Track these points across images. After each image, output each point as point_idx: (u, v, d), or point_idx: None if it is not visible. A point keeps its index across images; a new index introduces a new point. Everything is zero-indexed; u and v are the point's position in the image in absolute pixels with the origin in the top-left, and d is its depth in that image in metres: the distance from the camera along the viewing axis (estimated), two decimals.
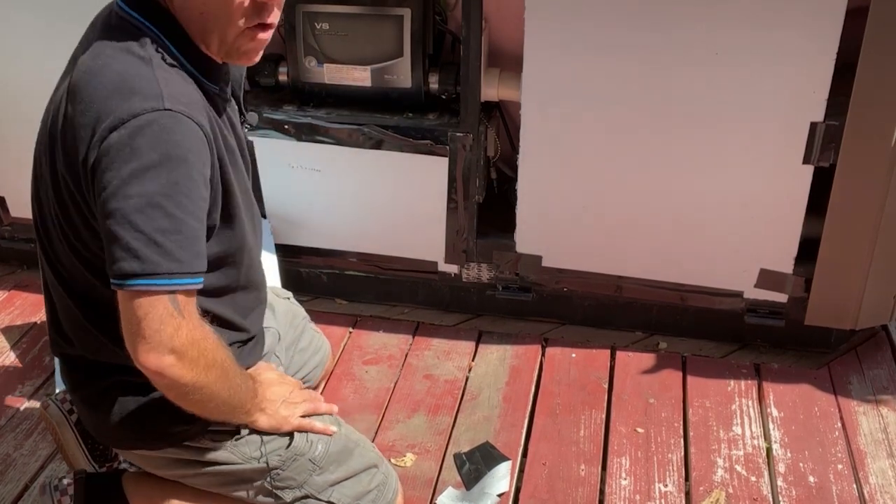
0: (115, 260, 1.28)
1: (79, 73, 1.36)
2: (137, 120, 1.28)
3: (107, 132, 1.29)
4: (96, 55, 1.36)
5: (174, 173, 1.29)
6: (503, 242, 2.47)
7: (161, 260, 1.28)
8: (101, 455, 1.85)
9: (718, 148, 2.19)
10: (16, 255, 2.88)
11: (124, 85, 1.31)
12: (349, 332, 2.55)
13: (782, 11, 2.00)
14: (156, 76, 1.32)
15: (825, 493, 1.99)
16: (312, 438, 1.64)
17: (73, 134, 1.34)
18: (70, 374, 1.59)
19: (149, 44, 1.36)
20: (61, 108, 1.38)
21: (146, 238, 1.27)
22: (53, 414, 1.81)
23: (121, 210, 1.27)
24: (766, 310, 2.40)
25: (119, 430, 1.55)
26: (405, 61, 2.31)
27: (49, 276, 1.53)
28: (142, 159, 1.27)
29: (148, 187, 1.27)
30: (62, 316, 1.54)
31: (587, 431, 2.18)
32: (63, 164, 1.37)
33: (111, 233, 1.28)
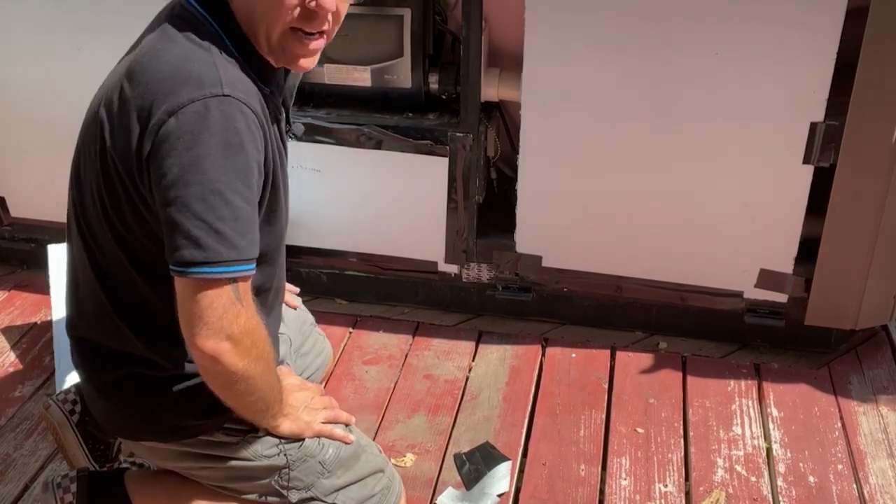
0: (176, 248, 1.29)
1: (139, 56, 1.37)
2: (196, 105, 1.29)
3: (165, 116, 1.29)
4: (157, 40, 1.38)
5: (232, 160, 1.30)
6: (503, 242, 2.47)
7: (222, 248, 1.30)
8: (101, 455, 1.85)
9: (718, 148, 2.19)
10: (16, 255, 2.88)
11: (184, 69, 1.32)
12: (349, 333, 2.55)
13: (782, 11, 2.00)
14: (215, 63, 1.34)
15: (825, 493, 1.99)
16: (324, 441, 1.64)
17: (128, 114, 1.34)
18: (84, 359, 1.57)
19: (208, 36, 1.38)
20: (118, 90, 1.38)
21: (207, 226, 1.28)
22: (55, 414, 1.81)
23: (181, 198, 1.28)
24: (766, 310, 2.40)
25: (131, 420, 1.54)
26: (405, 61, 2.31)
27: (81, 259, 1.51)
28: (201, 146, 1.28)
29: (209, 174, 1.28)
30: (86, 300, 1.53)
31: (587, 431, 2.18)
32: (115, 144, 1.36)
33: (172, 220, 1.29)
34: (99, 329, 1.53)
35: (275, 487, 1.63)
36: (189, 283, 1.31)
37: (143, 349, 1.48)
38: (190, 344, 1.35)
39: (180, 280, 1.32)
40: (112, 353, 1.52)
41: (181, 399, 1.51)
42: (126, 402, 1.53)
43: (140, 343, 1.48)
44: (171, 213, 1.29)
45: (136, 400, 1.53)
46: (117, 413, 1.55)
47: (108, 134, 1.37)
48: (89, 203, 1.46)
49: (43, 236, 2.75)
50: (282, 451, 1.59)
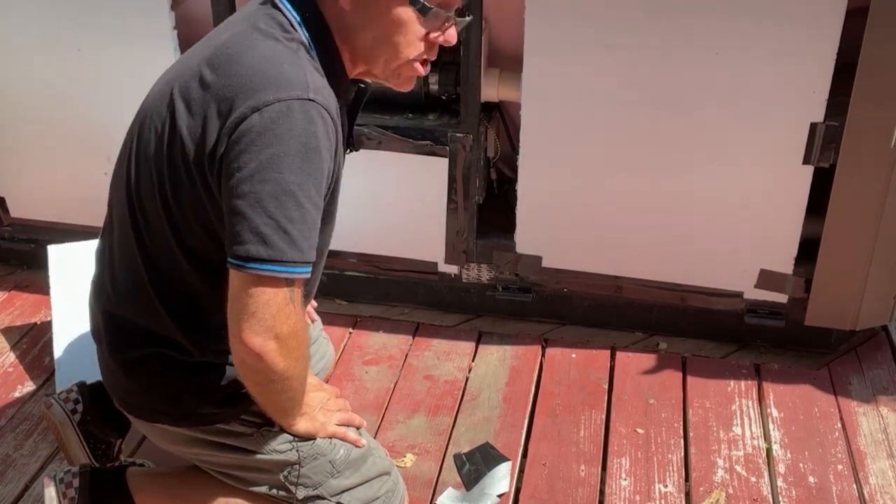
0: (241, 241, 1.31)
1: (224, 46, 1.39)
2: (281, 105, 1.31)
3: (249, 111, 1.31)
4: (246, 35, 1.39)
5: (309, 164, 1.32)
6: (503, 243, 2.47)
7: (287, 248, 1.32)
8: (102, 454, 1.85)
9: (718, 148, 2.19)
10: (16, 255, 2.88)
11: (273, 69, 1.34)
12: (349, 333, 2.55)
13: (782, 11, 2.00)
14: (303, 67, 1.37)
15: (825, 493, 1.99)
16: (336, 442, 1.65)
17: (207, 102, 1.35)
18: (110, 333, 1.57)
19: (297, 41, 1.40)
20: (196, 76, 1.39)
21: (276, 225, 1.30)
22: (56, 413, 1.81)
23: (255, 193, 1.30)
24: (766, 310, 2.40)
25: (152, 400, 1.54)
26: None
27: (126, 235, 1.50)
28: (282, 146, 1.30)
29: (285, 175, 1.30)
30: (124, 275, 1.52)
31: (587, 432, 2.18)
32: (189, 129, 1.37)
33: (241, 213, 1.30)
34: (133, 306, 1.52)
35: (283, 482, 1.63)
36: (248, 278, 1.32)
37: (176, 332, 1.49)
38: (235, 337, 1.35)
39: (239, 273, 1.33)
40: (141, 331, 1.52)
41: (204, 386, 1.52)
42: (149, 381, 1.52)
43: (173, 325, 1.49)
44: (240, 207, 1.31)
45: (159, 381, 1.52)
46: (138, 392, 1.54)
47: (183, 118, 1.38)
48: (146, 183, 1.46)
49: (43, 236, 2.75)
50: (294, 448, 1.60)
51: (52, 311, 2.40)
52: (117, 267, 1.55)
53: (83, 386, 1.89)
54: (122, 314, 1.54)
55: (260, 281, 1.32)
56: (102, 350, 1.61)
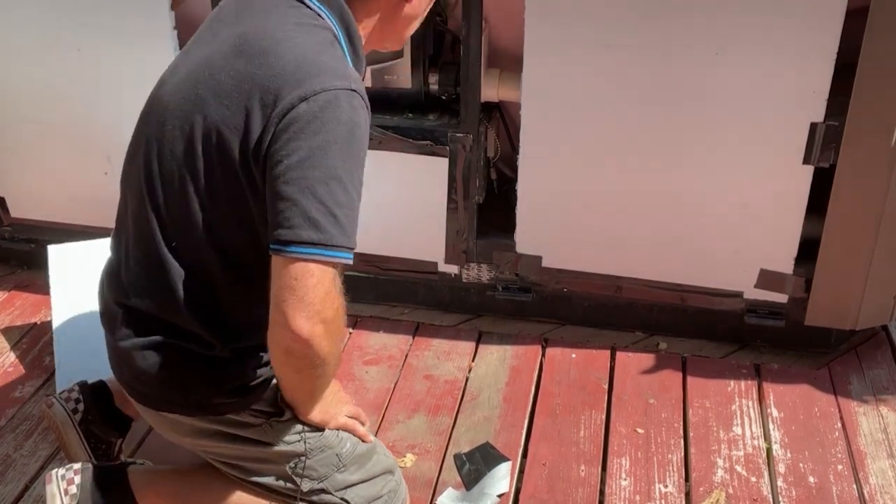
0: (290, 225, 1.32)
1: (258, 38, 1.39)
2: (328, 94, 1.34)
3: (297, 101, 1.33)
4: (279, 26, 1.40)
5: (354, 150, 1.36)
6: (503, 242, 2.47)
7: (336, 233, 1.34)
8: (103, 454, 1.85)
9: (718, 148, 2.19)
10: (16, 255, 2.88)
11: (316, 60, 1.36)
12: (349, 333, 2.55)
13: (782, 11, 2.00)
14: (339, 56, 1.41)
15: (825, 493, 1.99)
16: (343, 435, 1.66)
17: (247, 93, 1.36)
18: (125, 323, 1.55)
19: (329, 30, 1.43)
20: (226, 68, 1.39)
21: (326, 210, 1.33)
22: (57, 413, 1.81)
23: (305, 179, 1.32)
24: (766, 310, 2.40)
25: (163, 390, 1.53)
26: (405, 62, 2.31)
27: (146, 231, 1.49)
28: (330, 133, 1.33)
29: (334, 161, 1.33)
30: (143, 270, 1.51)
31: (587, 432, 2.18)
32: (225, 120, 1.37)
33: (290, 198, 1.32)
34: (152, 300, 1.51)
35: (289, 474, 1.63)
36: (296, 262, 1.33)
37: (195, 325, 1.49)
38: (280, 325, 1.34)
39: (285, 258, 1.33)
40: (159, 322, 1.51)
41: (218, 378, 1.52)
42: (162, 371, 1.51)
43: (194, 320, 1.48)
44: (290, 192, 1.32)
45: (174, 371, 1.51)
46: (150, 380, 1.53)
47: (218, 112, 1.38)
48: (174, 180, 1.45)
49: (43, 236, 2.75)
50: (302, 439, 1.60)
51: (52, 311, 2.40)
52: (133, 261, 1.53)
53: (84, 385, 1.89)
54: (139, 307, 1.52)
55: (308, 265, 1.33)
56: (114, 337, 1.58)
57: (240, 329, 1.51)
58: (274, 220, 1.34)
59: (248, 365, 1.54)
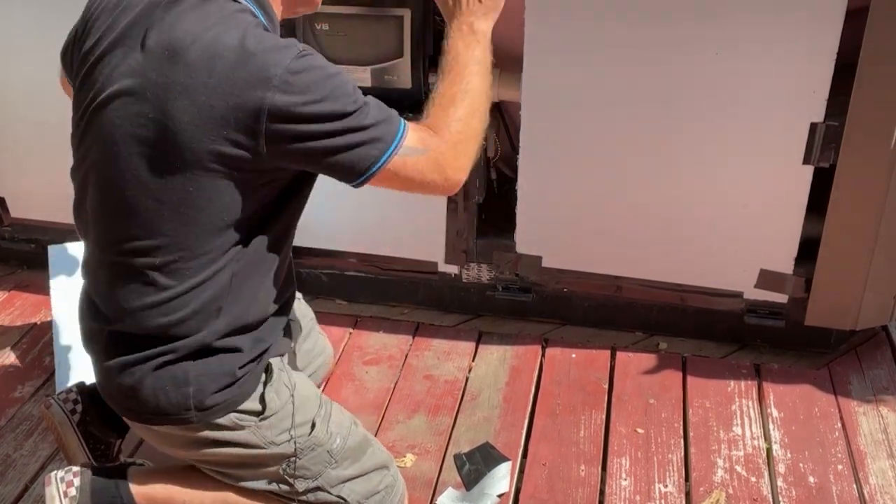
0: (360, 157, 1.44)
1: (191, 40, 1.38)
2: (291, 68, 1.37)
3: (270, 91, 1.36)
4: (207, 24, 1.40)
5: (341, 78, 1.43)
6: (503, 242, 2.47)
7: (386, 128, 1.45)
8: (102, 455, 1.85)
9: (718, 148, 2.19)
10: (16, 255, 2.88)
11: (258, 44, 1.38)
12: (349, 333, 2.55)
13: (782, 11, 2.00)
14: (271, 34, 1.45)
15: (825, 493, 1.99)
16: (332, 431, 1.66)
17: (210, 104, 1.36)
18: (109, 346, 1.56)
19: (246, 9, 1.46)
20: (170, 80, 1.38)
21: (365, 129, 1.43)
22: (56, 413, 1.81)
23: (334, 135, 1.41)
24: (766, 310, 2.40)
25: (152, 404, 1.53)
26: (405, 62, 2.31)
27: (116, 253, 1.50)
28: (317, 95, 1.39)
29: (337, 108, 1.40)
30: (125, 287, 1.51)
31: (587, 432, 2.18)
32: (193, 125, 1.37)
33: (339, 147, 1.42)
34: (127, 316, 1.51)
35: (282, 476, 1.63)
36: (387, 172, 1.46)
37: (172, 334, 1.49)
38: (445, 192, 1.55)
39: (380, 174, 1.47)
40: (136, 338, 1.52)
41: (202, 378, 1.52)
42: (147, 384, 1.52)
43: (169, 329, 1.49)
44: (336, 150, 1.42)
45: (156, 381, 1.52)
46: (136, 396, 1.54)
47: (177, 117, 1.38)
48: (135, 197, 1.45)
49: (43, 236, 2.75)
50: (292, 438, 1.60)
51: (52, 311, 2.40)
52: (104, 285, 1.54)
53: (83, 386, 1.89)
54: (118, 328, 1.54)
55: (397, 162, 1.45)
56: (97, 359, 1.61)
57: (220, 328, 1.51)
58: (343, 169, 1.46)
59: (231, 363, 1.54)
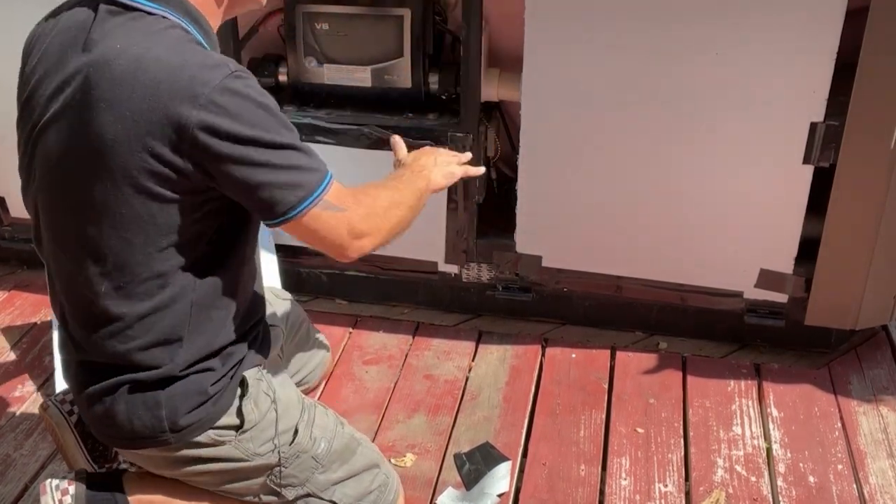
0: (276, 200, 1.40)
1: (117, 60, 1.35)
2: (218, 89, 1.33)
3: (195, 110, 1.32)
4: (131, 42, 1.36)
5: (270, 113, 1.39)
6: (503, 242, 2.47)
7: (311, 176, 1.43)
8: (100, 455, 1.84)
9: (718, 148, 2.19)
10: (16, 255, 2.88)
11: (184, 64, 1.34)
12: (349, 332, 2.55)
13: (782, 11, 2.00)
14: (202, 50, 1.40)
15: (825, 493, 1.99)
16: (316, 435, 1.65)
17: (135, 122, 1.33)
18: (83, 376, 1.58)
19: (177, 26, 1.40)
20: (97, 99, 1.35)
21: (291, 168, 1.40)
22: (53, 415, 1.80)
23: (257, 164, 1.37)
24: (766, 310, 2.40)
25: (129, 429, 1.54)
26: (405, 61, 2.31)
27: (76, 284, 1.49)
28: (244, 119, 1.35)
29: (263, 136, 1.37)
30: (82, 322, 1.52)
31: (587, 431, 2.18)
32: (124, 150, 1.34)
33: (260, 184, 1.38)
34: (92, 347, 1.52)
35: (270, 486, 1.63)
36: (304, 219, 1.43)
37: (141, 358, 1.49)
38: (340, 256, 1.52)
39: (290, 223, 1.43)
40: (106, 367, 1.53)
41: (172, 400, 1.51)
42: (121, 410, 1.53)
43: (138, 354, 1.49)
44: (256, 181, 1.38)
45: (130, 407, 1.52)
46: (113, 423, 1.55)
47: (102, 135, 1.35)
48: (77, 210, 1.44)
49: None
50: (275, 448, 1.60)
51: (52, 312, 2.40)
52: (70, 318, 1.55)
53: None
54: (88, 358, 1.55)
55: (313, 213, 1.43)
56: (74, 390, 1.62)
57: (186, 358, 1.51)
58: (258, 205, 1.41)
59: (203, 381, 1.53)
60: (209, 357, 1.54)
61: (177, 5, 1.42)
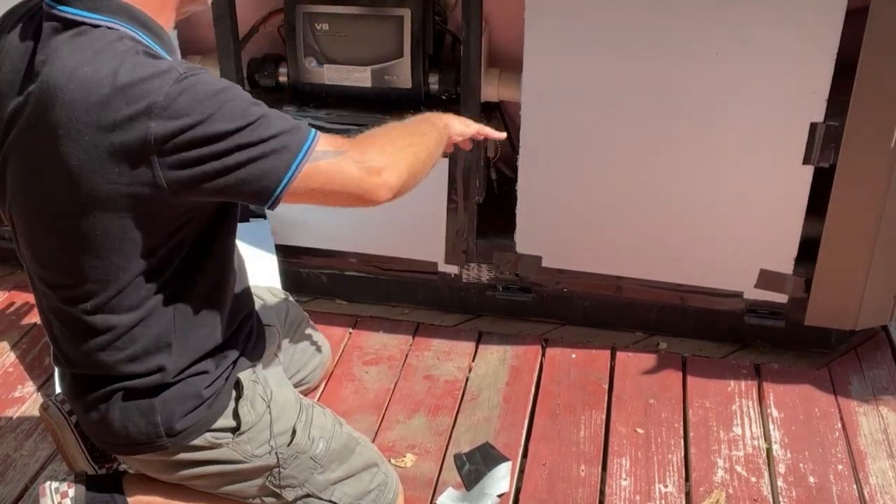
0: (268, 169, 1.32)
1: (66, 79, 1.30)
2: (169, 96, 1.28)
3: (151, 121, 1.27)
4: (80, 59, 1.30)
5: (224, 100, 1.31)
6: (503, 243, 2.47)
7: (293, 138, 1.34)
8: (100, 456, 1.84)
9: (718, 148, 2.19)
10: (16, 255, 2.86)
11: (132, 75, 1.28)
12: (349, 333, 2.55)
13: (782, 11, 2.00)
14: (151, 58, 1.33)
15: (825, 493, 1.99)
16: (314, 436, 1.65)
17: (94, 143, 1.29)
18: (75, 387, 1.59)
19: (126, 36, 1.34)
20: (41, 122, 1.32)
21: (270, 139, 1.32)
22: (53, 415, 1.80)
23: (232, 151, 1.30)
24: (766, 310, 2.40)
25: (124, 435, 1.55)
26: (405, 62, 2.31)
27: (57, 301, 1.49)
28: (202, 117, 1.29)
29: (227, 125, 1.30)
30: (69, 336, 1.52)
31: (587, 432, 2.18)
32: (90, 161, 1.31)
33: (238, 165, 1.31)
34: (83, 359, 1.52)
35: (269, 488, 1.63)
36: (303, 178, 1.35)
37: (133, 368, 1.50)
38: (371, 202, 1.42)
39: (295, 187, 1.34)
40: (98, 378, 1.53)
41: (170, 405, 1.52)
42: (115, 418, 1.53)
43: (129, 365, 1.49)
44: (236, 162, 1.31)
45: (124, 414, 1.53)
46: (108, 430, 1.55)
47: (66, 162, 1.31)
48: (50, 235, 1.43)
49: None
50: (273, 450, 1.60)
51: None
52: (58, 331, 1.54)
53: None
54: (79, 371, 1.55)
55: (309, 168, 1.35)
56: (70, 399, 1.63)
57: (176, 365, 1.51)
58: (253, 187, 1.33)
59: (197, 385, 1.54)
60: (201, 359, 1.54)
61: (123, 13, 1.35)
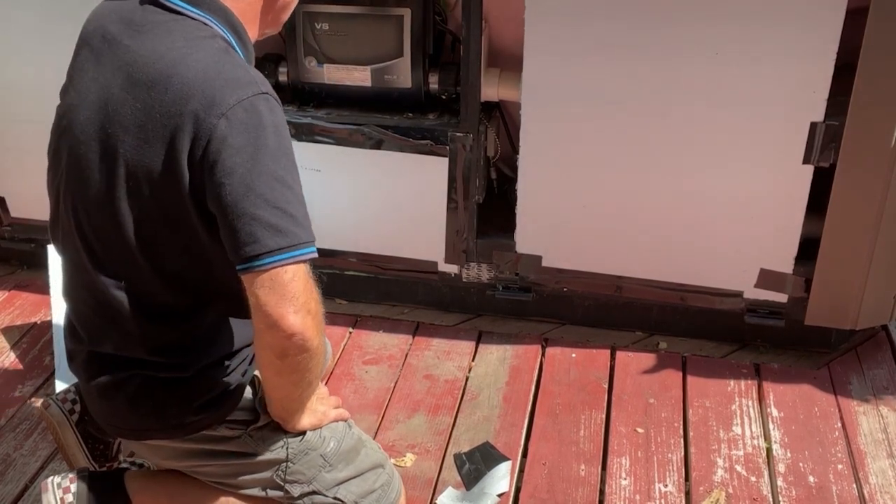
0: (255, 239, 1.32)
1: (153, 60, 1.36)
2: (244, 104, 1.33)
3: (216, 119, 1.31)
4: (169, 44, 1.36)
5: (284, 150, 1.36)
6: (503, 242, 2.47)
7: (299, 232, 1.36)
8: (101, 455, 1.85)
9: (718, 148, 2.19)
10: (16, 255, 2.88)
11: (218, 73, 1.34)
12: (349, 332, 2.55)
13: (782, 11, 2.00)
14: (240, 63, 1.38)
15: (825, 493, 1.99)
16: (325, 434, 1.65)
17: (161, 122, 1.34)
18: (92, 367, 1.57)
19: (218, 37, 1.40)
20: (125, 100, 1.37)
21: (282, 212, 1.33)
22: (54, 414, 1.80)
23: (252, 191, 1.32)
24: (766, 310, 2.40)
25: (137, 419, 1.54)
26: (405, 61, 2.31)
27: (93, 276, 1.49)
28: (259, 140, 1.33)
29: (272, 167, 1.33)
30: (97, 313, 1.52)
31: (587, 431, 2.18)
32: (144, 156, 1.36)
33: (245, 215, 1.32)
34: (107, 338, 1.52)
35: (276, 482, 1.63)
36: (273, 271, 1.34)
37: (153, 354, 1.50)
38: (271, 325, 1.36)
39: (260, 271, 1.33)
40: (118, 359, 1.52)
41: (186, 396, 1.52)
42: (131, 402, 1.53)
43: (149, 349, 1.49)
44: (242, 209, 1.32)
45: (140, 400, 1.53)
46: (122, 414, 1.55)
47: (133, 147, 1.36)
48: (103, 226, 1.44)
49: (43, 236, 2.75)
50: (284, 444, 1.60)
51: (52, 311, 2.40)
52: (84, 306, 1.54)
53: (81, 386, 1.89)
54: (99, 350, 1.55)
55: (286, 267, 1.34)
56: (83, 380, 1.62)
57: (202, 347, 1.51)
58: (235, 239, 1.34)
59: (215, 377, 1.54)
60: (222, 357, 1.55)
61: (220, 14, 1.42)
